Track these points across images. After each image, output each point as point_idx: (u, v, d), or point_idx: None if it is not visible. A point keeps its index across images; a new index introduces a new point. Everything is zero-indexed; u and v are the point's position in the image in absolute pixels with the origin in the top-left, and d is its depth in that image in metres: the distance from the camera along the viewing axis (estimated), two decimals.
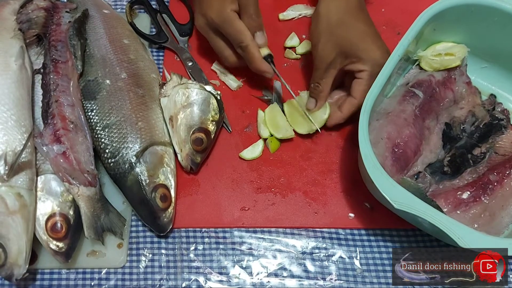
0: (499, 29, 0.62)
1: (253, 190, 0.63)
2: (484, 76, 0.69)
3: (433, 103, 0.63)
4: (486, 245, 0.49)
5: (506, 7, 0.60)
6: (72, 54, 0.63)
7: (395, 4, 0.77)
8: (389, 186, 0.51)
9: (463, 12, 0.61)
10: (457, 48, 0.65)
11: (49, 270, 0.58)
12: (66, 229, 0.55)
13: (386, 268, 0.59)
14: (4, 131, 0.55)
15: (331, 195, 0.63)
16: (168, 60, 0.72)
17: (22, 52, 0.61)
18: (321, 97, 0.63)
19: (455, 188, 0.59)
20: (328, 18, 0.61)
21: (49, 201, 0.56)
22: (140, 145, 0.59)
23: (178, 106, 0.62)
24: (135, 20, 0.73)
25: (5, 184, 0.53)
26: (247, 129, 0.67)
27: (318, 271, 0.59)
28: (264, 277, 0.58)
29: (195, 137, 0.61)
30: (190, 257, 0.59)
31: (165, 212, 0.58)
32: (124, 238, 0.59)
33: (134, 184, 0.58)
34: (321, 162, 0.65)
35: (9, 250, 0.52)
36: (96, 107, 0.61)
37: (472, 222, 0.56)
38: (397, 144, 0.59)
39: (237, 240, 0.60)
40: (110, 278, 0.58)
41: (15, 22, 0.64)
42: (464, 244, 0.48)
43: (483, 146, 0.62)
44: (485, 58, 0.68)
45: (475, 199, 0.57)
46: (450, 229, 0.49)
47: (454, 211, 0.57)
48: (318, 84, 0.62)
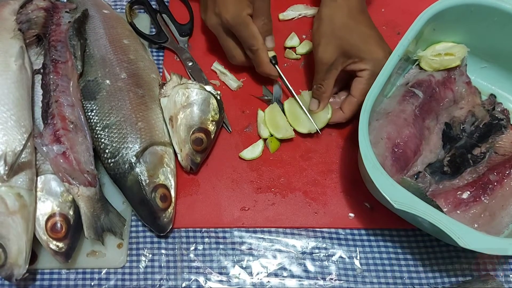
0: (499, 29, 0.62)
1: (253, 190, 0.63)
2: (484, 76, 0.69)
3: (433, 103, 0.63)
4: (486, 245, 0.49)
5: (506, 7, 0.60)
6: (72, 54, 0.63)
7: (395, 4, 0.77)
8: (389, 186, 0.51)
9: (463, 12, 0.61)
10: (457, 48, 0.65)
11: (49, 270, 0.58)
12: (66, 229, 0.55)
13: (386, 268, 0.59)
14: (4, 131, 0.55)
15: (331, 195, 0.63)
16: (168, 60, 0.72)
17: (22, 52, 0.61)
18: (324, 98, 0.63)
19: (455, 188, 0.59)
20: (331, 21, 0.61)
21: (49, 201, 0.56)
22: (140, 145, 0.59)
23: (178, 106, 0.62)
24: (135, 20, 0.73)
25: (5, 184, 0.53)
26: (247, 129, 0.67)
27: (318, 271, 0.59)
28: (264, 277, 0.58)
29: (195, 137, 0.61)
30: (190, 257, 0.59)
31: (165, 212, 0.58)
32: (124, 238, 0.59)
33: (134, 184, 0.58)
34: (321, 162, 0.65)
35: (9, 250, 0.52)
36: (96, 107, 0.61)
37: (472, 222, 0.56)
38: (397, 144, 0.59)
39: (237, 240, 0.60)
40: (110, 278, 0.58)
41: (15, 22, 0.64)
42: (464, 244, 0.48)
43: (483, 146, 0.62)
44: (485, 58, 0.68)
45: (475, 199, 0.57)
46: (450, 229, 0.49)
47: (454, 211, 0.57)
48: (320, 85, 0.62)
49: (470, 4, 0.61)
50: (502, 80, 0.68)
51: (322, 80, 0.62)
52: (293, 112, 0.66)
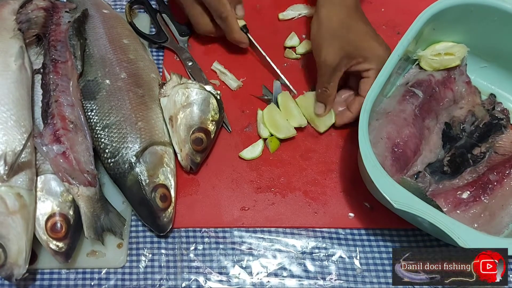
0: (499, 28, 0.62)
1: (253, 190, 0.63)
2: (483, 76, 0.69)
3: (432, 103, 0.63)
4: (485, 245, 0.49)
5: (505, 6, 0.60)
6: (71, 54, 0.63)
7: (395, 4, 0.77)
8: (389, 186, 0.51)
9: (462, 11, 0.61)
10: (457, 47, 0.65)
11: (49, 270, 0.58)
12: (66, 229, 0.55)
13: (386, 268, 0.59)
14: (4, 131, 0.55)
15: (331, 195, 0.63)
16: (168, 60, 0.72)
17: (22, 52, 0.61)
18: (330, 101, 0.63)
19: (455, 187, 0.59)
20: (329, 21, 0.61)
21: (49, 201, 0.56)
22: (140, 145, 0.59)
23: (178, 106, 0.62)
24: (135, 20, 0.73)
25: (5, 184, 0.53)
26: (247, 129, 0.67)
27: (318, 271, 0.59)
28: (264, 277, 0.58)
29: (195, 137, 0.61)
30: (190, 257, 0.59)
31: (165, 212, 0.58)
32: (124, 238, 0.59)
33: (134, 184, 0.58)
34: (321, 162, 0.65)
35: (9, 250, 0.52)
36: (96, 107, 0.61)
37: (472, 221, 0.56)
38: (397, 144, 0.59)
39: (237, 240, 0.60)
40: (110, 278, 0.58)
41: (15, 22, 0.64)
42: (463, 244, 0.48)
43: (483, 146, 0.62)
44: (484, 58, 0.68)
45: (475, 198, 0.57)
46: (450, 228, 0.49)
47: (454, 210, 0.57)
48: (325, 88, 0.62)
49: (469, 4, 0.61)
50: (502, 79, 0.68)
51: (327, 83, 0.62)
52: (286, 107, 0.66)
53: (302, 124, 0.65)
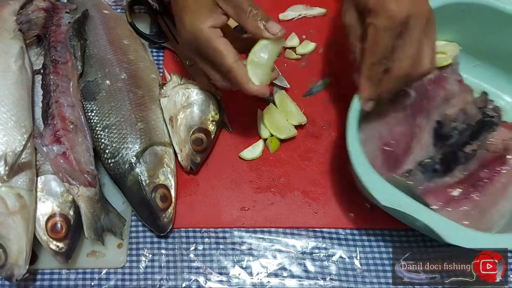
0: (491, 27, 0.63)
1: (253, 190, 0.63)
2: (476, 74, 0.69)
3: (424, 102, 0.62)
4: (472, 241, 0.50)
5: (497, 5, 0.60)
6: (72, 55, 0.63)
7: None
8: (376, 184, 0.51)
9: (454, 11, 0.61)
10: (449, 46, 0.65)
11: (49, 270, 0.58)
12: (66, 230, 0.55)
13: (386, 268, 0.59)
14: (4, 132, 0.55)
15: (331, 195, 0.63)
16: (168, 60, 0.72)
17: (22, 52, 0.61)
18: None
19: (446, 185, 0.59)
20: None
21: (49, 201, 0.56)
22: (140, 145, 0.59)
23: (178, 106, 0.62)
24: (135, 20, 0.73)
25: (5, 184, 0.53)
26: (247, 129, 0.67)
27: (318, 271, 0.59)
28: (264, 277, 0.58)
29: (195, 137, 0.62)
30: (190, 257, 0.59)
31: (165, 212, 0.58)
32: (124, 238, 0.59)
33: (134, 184, 0.58)
34: (321, 162, 0.65)
35: (9, 251, 0.52)
36: (96, 108, 0.61)
37: (463, 219, 0.56)
38: (388, 142, 0.59)
39: (237, 240, 0.60)
40: (110, 278, 0.58)
41: (15, 23, 0.64)
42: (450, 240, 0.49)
43: (474, 144, 0.62)
44: (477, 56, 0.68)
45: (465, 196, 0.57)
46: (436, 224, 0.49)
47: (445, 208, 0.56)
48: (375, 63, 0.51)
49: (461, 3, 0.61)
50: (494, 77, 0.68)
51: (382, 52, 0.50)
52: (284, 105, 0.66)
53: (302, 121, 0.65)
